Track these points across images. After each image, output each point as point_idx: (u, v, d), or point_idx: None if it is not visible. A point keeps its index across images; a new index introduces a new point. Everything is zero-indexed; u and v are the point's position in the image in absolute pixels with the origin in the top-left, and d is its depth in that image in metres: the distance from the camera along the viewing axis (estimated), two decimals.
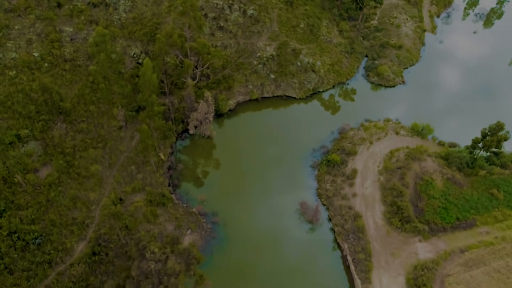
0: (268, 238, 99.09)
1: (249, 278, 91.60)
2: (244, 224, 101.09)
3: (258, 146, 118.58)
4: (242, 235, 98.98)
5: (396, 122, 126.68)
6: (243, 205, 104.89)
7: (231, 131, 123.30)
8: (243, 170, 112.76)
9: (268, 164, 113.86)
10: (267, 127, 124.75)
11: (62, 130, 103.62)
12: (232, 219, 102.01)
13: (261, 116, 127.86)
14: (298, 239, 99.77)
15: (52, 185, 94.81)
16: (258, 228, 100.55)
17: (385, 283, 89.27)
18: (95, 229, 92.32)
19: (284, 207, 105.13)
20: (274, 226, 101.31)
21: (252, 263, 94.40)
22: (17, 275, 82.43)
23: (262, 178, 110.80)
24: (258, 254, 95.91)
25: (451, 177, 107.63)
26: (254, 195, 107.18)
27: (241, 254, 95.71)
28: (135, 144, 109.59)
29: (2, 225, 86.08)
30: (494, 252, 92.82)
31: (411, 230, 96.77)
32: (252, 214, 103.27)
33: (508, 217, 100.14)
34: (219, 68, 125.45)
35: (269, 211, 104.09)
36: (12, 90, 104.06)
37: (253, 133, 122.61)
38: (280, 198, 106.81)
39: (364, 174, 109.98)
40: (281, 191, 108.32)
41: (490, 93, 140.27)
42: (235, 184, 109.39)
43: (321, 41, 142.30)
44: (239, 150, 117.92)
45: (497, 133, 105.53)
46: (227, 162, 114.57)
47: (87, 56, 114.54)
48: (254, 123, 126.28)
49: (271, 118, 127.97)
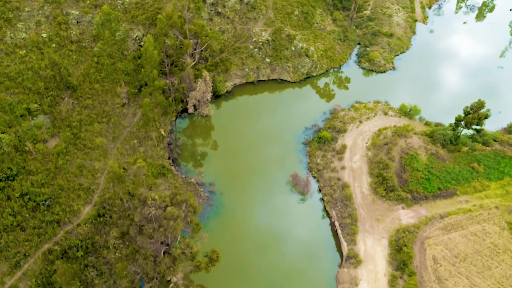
0: (261, 206, 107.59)
1: (243, 240, 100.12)
2: (239, 194, 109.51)
3: (253, 125, 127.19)
4: (237, 203, 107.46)
5: (385, 104, 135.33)
6: (238, 176, 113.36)
7: (228, 111, 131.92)
8: (239, 146, 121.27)
9: (262, 141, 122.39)
10: (262, 108, 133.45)
11: (69, 105, 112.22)
12: (228, 189, 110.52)
13: (257, 98, 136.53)
14: (290, 208, 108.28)
15: (60, 154, 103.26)
16: (252, 197, 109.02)
17: (369, 244, 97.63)
18: (100, 194, 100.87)
19: (277, 179, 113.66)
20: (267, 196, 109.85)
21: (246, 227, 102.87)
22: (29, 232, 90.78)
23: (257, 154, 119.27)
24: (252, 220, 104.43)
25: (434, 153, 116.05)
26: (248, 168, 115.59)
27: (236, 220, 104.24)
28: (137, 120, 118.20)
29: (14, 188, 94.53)
30: (472, 218, 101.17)
31: (395, 198, 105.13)
32: (247, 185, 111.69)
33: (487, 187, 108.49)
34: (217, 51, 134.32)
35: (262, 182, 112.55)
36: (22, 67, 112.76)
37: (249, 113, 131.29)
38: (273, 171, 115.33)
39: (353, 150, 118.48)
40: (274, 165, 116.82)
41: (477, 78, 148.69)
42: (231, 159, 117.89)
43: (315, 29, 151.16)
44: (236, 128, 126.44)
45: (478, 111, 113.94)
46: (224, 139, 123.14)
47: (92, 38, 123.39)
48: (250, 104, 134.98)
49: (266, 100, 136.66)
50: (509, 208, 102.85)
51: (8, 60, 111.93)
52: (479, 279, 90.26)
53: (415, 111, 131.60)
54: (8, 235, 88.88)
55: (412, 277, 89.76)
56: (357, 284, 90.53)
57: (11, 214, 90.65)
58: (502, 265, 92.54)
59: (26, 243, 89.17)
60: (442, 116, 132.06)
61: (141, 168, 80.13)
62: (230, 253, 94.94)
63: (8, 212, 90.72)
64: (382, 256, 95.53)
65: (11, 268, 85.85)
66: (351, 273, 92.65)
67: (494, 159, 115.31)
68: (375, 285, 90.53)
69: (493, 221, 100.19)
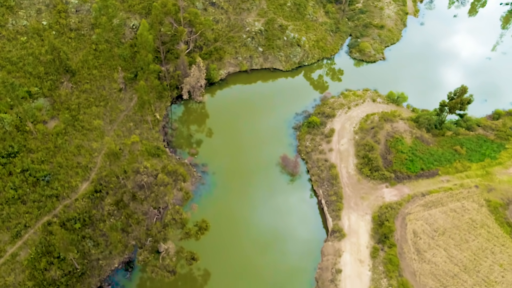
0: (251, 185, 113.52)
1: (234, 217, 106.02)
2: (230, 174, 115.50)
3: (246, 111, 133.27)
4: (228, 183, 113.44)
5: (374, 92, 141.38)
6: (230, 158, 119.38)
7: (222, 98, 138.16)
8: (232, 131, 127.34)
9: (254, 126, 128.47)
10: (255, 95, 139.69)
11: (68, 89, 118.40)
12: (220, 169, 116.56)
13: (250, 86, 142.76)
14: (279, 187, 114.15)
15: (59, 134, 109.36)
16: (243, 177, 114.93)
17: (353, 220, 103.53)
18: (97, 172, 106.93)
19: (267, 160, 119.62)
20: (257, 176, 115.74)
21: (237, 205, 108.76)
22: (29, 205, 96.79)
23: (248, 138, 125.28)
24: (242, 199, 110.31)
25: (419, 136, 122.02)
26: (240, 151, 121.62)
27: (227, 198, 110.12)
28: (134, 104, 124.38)
29: (15, 164, 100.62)
30: (452, 196, 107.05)
31: (379, 178, 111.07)
32: (238, 166, 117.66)
33: (468, 168, 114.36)
34: (211, 40, 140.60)
35: (253, 164, 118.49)
36: (23, 53, 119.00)
37: (242, 100, 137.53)
38: (264, 153, 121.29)
39: (341, 133, 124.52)
40: (265, 148, 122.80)
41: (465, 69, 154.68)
42: (224, 142, 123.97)
43: (307, 20, 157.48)
44: (229, 114, 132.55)
45: (461, 96, 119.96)
46: (218, 124, 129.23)
47: (91, 27, 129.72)
48: (243, 91, 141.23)
49: (259, 87, 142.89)
50: (488, 187, 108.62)
51: (10, 46, 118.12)
52: (456, 251, 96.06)
53: (403, 98, 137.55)
54: (10, 207, 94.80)
55: (392, 248, 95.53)
56: (340, 255, 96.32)
57: (12, 188, 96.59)
58: (478, 238, 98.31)
59: (27, 215, 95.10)
60: (429, 104, 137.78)
61: (136, 144, 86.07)
62: (220, 228, 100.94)
63: (10, 186, 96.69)
64: (365, 231, 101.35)
65: (12, 237, 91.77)
66: (335, 246, 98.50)
67: (476, 143, 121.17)
68: (357, 256, 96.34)
69: (472, 199, 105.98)
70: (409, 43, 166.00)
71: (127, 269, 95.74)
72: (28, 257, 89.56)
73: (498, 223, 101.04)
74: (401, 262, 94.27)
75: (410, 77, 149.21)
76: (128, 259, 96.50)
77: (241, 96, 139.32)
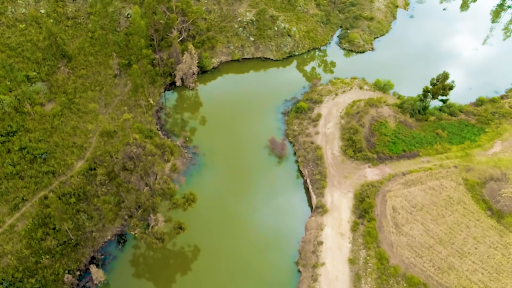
0: (240, 166, 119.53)
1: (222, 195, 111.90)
2: (220, 156, 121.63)
3: (237, 98, 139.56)
4: (218, 163, 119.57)
5: (362, 79, 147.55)
6: (220, 141, 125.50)
7: (214, 85, 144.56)
8: (223, 116, 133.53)
9: (245, 112, 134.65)
10: (246, 82, 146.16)
11: (65, 74, 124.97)
12: (210, 151, 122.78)
13: (241, 74, 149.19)
14: (267, 168, 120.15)
15: (56, 116, 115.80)
16: (232, 158, 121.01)
17: (336, 197, 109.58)
18: (92, 152, 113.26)
19: (256, 143, 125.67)
20: (246, 157, 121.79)
21: (226, 184, 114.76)
22: (27, 180, 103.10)
23: (239, 122, 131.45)
24: (231, 178, 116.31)
25: (403, 121, 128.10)
26: (230, 134, 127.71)
27: (217, 178, 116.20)
28: (128, 90, 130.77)
29: (14, 142, 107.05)
30: (432, 175, 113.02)
31: (362, 158, 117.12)
32: (228, 148, 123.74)
33: (448, 150, 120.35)
34: (204, 30, 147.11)
35: (242, 146, 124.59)
36: (22, 39, 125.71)
37: (234, 88, 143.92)
38: (253, 136, 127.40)
39: (327, 118, 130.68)
40: (254, 131, 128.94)
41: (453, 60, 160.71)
42: (215, 126, 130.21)
43: (298, 11, 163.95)
44: (220, 100, 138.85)
45: (443, 82, 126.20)
46: (209, 109, 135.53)
47: (87, 15, 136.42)
48: (235, 79, 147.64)
49: (250, 75, 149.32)
50: (467, 167, 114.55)
51: (9, 32, 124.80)
52: (433, 225, 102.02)
53: (389, 85, 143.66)
54: (8, 182, 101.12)
55: (372, 222, 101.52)
56: (322, 229, 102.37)
57: (10, 164, 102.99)
58: (455, 214, 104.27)
59: (24, 189, 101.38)
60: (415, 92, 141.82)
61: (127, 121, 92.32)
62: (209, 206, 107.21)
63: (8, 162, 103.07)
64: (347, 207, 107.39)
65: (10, 209, 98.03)
66: (318, 220, 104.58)
67: (458, 127, 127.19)
68: (338, 230, 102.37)
69: (451, 178, 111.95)
70: (398, 35, 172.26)
71: (119, 241, 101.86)
72: (25, 228, 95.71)
73: (474, 200, 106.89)
74: (379, 235, 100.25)
75: (397, 66, 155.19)
76: (121, 232, 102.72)
77: (232, 83, 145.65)
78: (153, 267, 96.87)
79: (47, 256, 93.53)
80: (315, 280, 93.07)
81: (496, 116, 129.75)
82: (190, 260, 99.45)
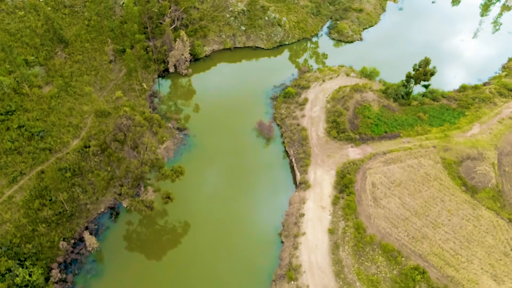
0: (229, 146, 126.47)
1: (211, 173, 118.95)
2: (210, 136, 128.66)
3: (228, 84, 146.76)
4: (208, 144, 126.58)
5: (349, 67, 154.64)
6: (210, 124, 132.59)
7: (206, 72, 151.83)
8: (214, 100, 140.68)
9: (235, 97, 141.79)
10: (237, 70, 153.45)
11: (62, 58, 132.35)
12: (200, 132, 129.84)
13: (233, 62, 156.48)
14: (255, 149, 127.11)
15: (53, 97, 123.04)
16: (221, 139, 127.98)
17: (318, 174, 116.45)
18: (87, 131, 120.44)
19: (245, 125, 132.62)
20: (234, 138, 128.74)
21: (215, 162, 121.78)
22: (25, 156, 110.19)
23: (229, 107, 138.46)
24: (220, 158, 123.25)
25: (386, 105, 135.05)
26: (220, 117, 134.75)
27: (206, 156, 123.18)
28: (123, 75, 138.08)
29: (13, 120, 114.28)
30: (411, 154, 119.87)
31: (345, 139, 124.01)
32: (217, 130, 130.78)
33: (428, 131, 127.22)
34: (196, 19, 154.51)
35: (231, 128, 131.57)
36: (21, 26, 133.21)
37: (225, 75, 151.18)
38: (242, 120, 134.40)
39: (314, 102, 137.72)
40: (243, 115, 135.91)
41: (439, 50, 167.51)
42: (205, 110, 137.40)
43: (289, 2, 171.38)
44: (212, 86, 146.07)
45: (425, 67, 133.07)
46: (201, 95, 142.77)
47: (84, 4, 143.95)
48: (226, 66, 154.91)
49: (241, 64, 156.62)
50: (445, 147, 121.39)
51: (9, 19, 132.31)
52: (409, 199, 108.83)
53: (375, 73, 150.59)
54: (7, 157, 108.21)
55: (351, 196, 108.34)
56: (304, 202, 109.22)
57: (9, 141, 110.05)
58: (431, 189, 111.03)
59: (22, 164, 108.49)
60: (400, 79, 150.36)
61: (119, 99, 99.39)
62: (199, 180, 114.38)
63: (7, 139, 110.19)
64: (329, 183, 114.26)
65: (9, 182, 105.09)
66: (301, 195, 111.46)
67: (439, 111, 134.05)
68: (320, 203, 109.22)
69: (429, 157, 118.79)
70: (386, 26, 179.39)
71: (112, 214, 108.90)
72: (23, 199, 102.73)
73: (451, 177, 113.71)
74: (358, 207, 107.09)
75: (385, 56, 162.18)
76: (113, 205, 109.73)
77: (224, 71, 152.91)
78: (144, 237, 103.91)
79: (43, 225, 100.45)
80: (296, 248, 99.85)
81: (476, 101, 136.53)
82: (179, 233, 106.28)
